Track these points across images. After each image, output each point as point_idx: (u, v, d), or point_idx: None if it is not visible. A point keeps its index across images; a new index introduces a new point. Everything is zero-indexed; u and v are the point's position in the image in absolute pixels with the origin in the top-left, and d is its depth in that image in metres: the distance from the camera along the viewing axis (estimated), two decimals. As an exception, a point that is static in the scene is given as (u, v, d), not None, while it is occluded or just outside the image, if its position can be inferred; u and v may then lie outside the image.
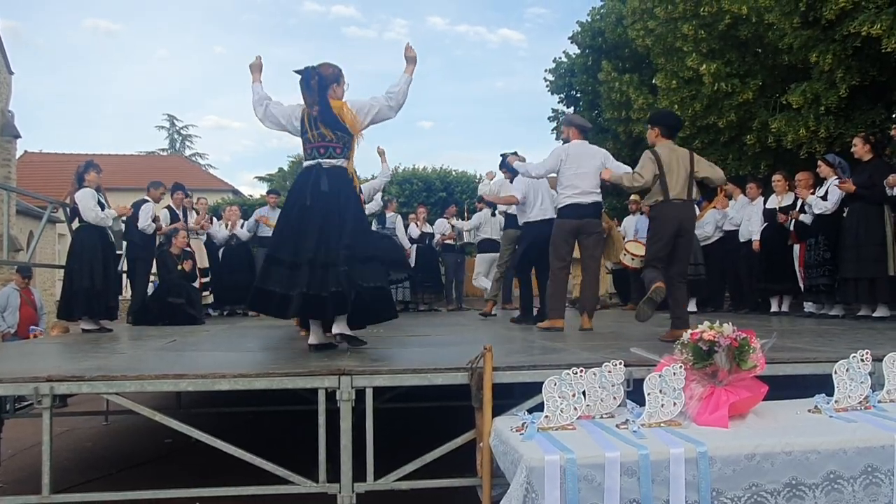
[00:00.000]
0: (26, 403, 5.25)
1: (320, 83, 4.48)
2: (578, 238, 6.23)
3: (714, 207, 9.42)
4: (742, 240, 8.93)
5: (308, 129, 4.52)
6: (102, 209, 7.03)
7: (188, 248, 8.69)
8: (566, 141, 6.45)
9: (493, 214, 10.10)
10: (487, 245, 10.06)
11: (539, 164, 6.37)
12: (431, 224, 12.27)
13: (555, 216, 7.03)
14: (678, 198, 5.08)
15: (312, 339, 4.56)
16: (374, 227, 11.47)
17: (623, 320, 7.64)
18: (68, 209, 7.38)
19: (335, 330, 4.46)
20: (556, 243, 6.21)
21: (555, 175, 6.50)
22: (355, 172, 4.65)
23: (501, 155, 7.78)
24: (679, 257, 5.16)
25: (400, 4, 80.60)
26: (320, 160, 4.48)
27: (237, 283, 9.72)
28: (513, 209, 8.11)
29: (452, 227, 11.88)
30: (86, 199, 6.92)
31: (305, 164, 4.59)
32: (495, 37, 75.39)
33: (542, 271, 7.02)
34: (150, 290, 8.99)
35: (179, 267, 8.19)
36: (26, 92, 69.98)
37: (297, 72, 4.51)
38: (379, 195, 10.84)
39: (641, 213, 10.85)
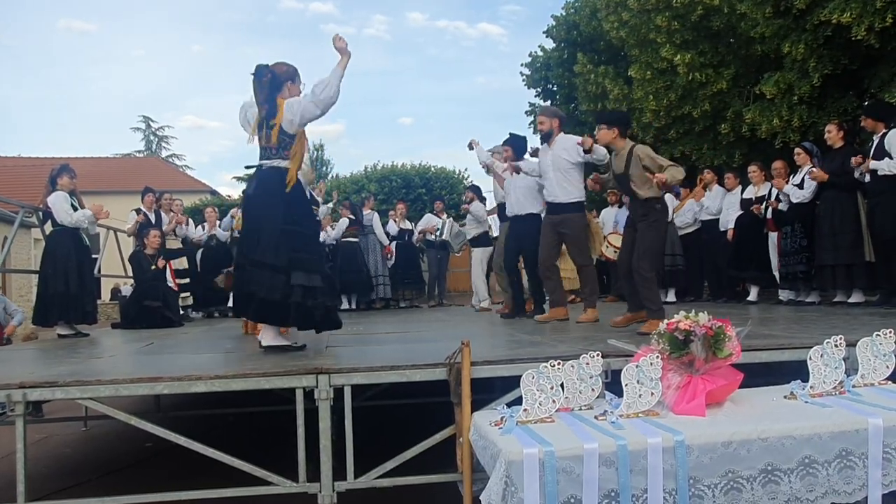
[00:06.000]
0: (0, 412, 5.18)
1: (272, 82, 4.36)
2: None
3: (692, 198, 9.48)
4: (722, 229, 8.99)
5: (257, 129, 4.44)
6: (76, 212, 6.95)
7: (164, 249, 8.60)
8: (547, 133, 6.33)
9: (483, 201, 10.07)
10: (484, 239, 9.94)
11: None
12: (411, 220, 12.26)
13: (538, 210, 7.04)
14: None
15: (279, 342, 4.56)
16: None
17: (602, 313, 7.66)
18: (41, 213, 7.29)
19: (263, 341, 4.49)
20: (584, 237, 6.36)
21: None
22: (297, 174, 4.46)
23: (511, 134, 7.45)
24: None
25: (379, 0, 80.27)
26: (262, 161, 4.43)
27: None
28: (499, 197, 8.07)
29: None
30: (59, 202, 6.83)
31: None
32: (475, 31, 75.30)
33: (531, 267, 7.00)
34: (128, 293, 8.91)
35: (153, 266, 8.11)
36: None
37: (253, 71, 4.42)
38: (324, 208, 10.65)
39: (620, 206, 10.90)
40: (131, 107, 79.35)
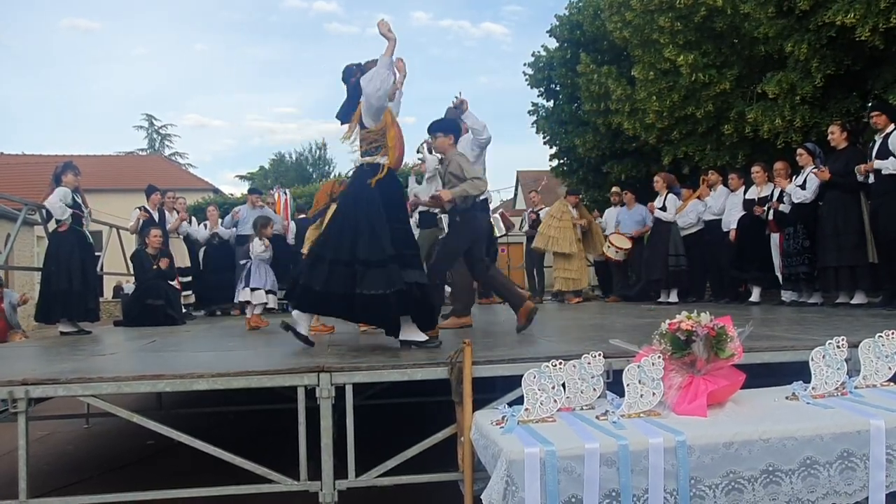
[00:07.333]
0: (2, 409, 5.19)
1: (358, 84, 4.50)
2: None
3: (697, 198, 9.47)
4: (725, 230, 8.97)
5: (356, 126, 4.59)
6: (81, 210, 6.98)
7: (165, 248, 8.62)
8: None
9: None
10: (429, 219, 8.53)
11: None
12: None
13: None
14: None
15: (301, 329, 4.54)
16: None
17: (604, 312, 7.66)
18: (44, 211, 7.30)
19: (402, 336, 4.39)
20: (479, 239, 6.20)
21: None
22: (395, 168, 4.56)
23: None
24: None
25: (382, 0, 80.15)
26: (361, 157, 4.54)
27: (220, 283, 9.67)
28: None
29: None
30: (54, 195, 6.84)
31: None
32: (478, 31, 75.24)
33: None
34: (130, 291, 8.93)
35: (155, 266, 8.12)
36: (2, 96, 69.19)
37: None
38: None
39: (622, 206, 10.92)
40: (133, 106, 79.71)
